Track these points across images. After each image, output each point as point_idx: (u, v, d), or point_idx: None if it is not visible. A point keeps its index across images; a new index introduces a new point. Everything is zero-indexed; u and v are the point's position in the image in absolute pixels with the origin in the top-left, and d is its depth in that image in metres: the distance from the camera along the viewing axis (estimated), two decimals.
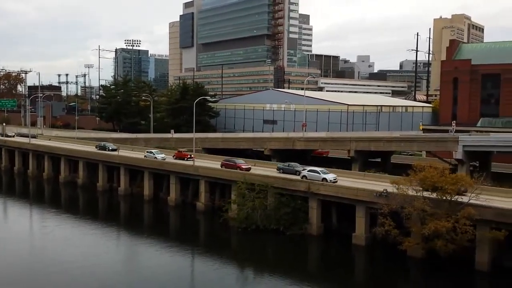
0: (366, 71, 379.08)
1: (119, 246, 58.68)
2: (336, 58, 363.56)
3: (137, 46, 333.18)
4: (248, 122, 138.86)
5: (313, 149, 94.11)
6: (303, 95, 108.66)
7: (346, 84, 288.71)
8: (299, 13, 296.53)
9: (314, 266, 53.54)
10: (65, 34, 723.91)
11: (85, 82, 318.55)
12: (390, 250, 51.00)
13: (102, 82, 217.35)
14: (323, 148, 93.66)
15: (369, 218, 55.66)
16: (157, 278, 45.03)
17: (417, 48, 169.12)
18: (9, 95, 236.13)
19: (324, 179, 60.32)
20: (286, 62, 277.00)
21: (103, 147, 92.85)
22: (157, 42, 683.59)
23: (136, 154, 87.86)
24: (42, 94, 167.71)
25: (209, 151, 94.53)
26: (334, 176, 61.81)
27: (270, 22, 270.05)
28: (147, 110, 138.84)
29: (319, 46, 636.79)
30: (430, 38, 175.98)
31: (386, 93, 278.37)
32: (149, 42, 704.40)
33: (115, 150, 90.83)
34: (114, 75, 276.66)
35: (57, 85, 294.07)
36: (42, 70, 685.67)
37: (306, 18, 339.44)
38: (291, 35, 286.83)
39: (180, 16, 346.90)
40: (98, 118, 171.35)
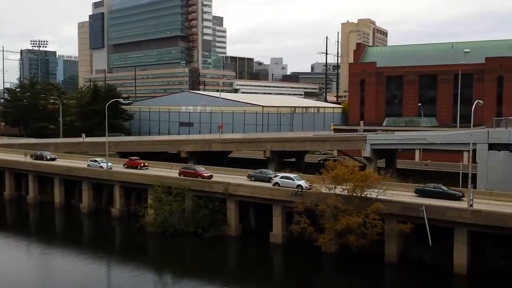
0: (279, 73, 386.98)
1: (30, 257, 55.59)
2: (250, 60, 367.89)
3: (44, 47, 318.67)
4: (163, 124, 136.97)
5: (230, 150, 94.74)
6: (219, 97, 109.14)
7: (261, 86, 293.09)
8: (213, 15, 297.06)
9: (232, 267, 53.91)
10: None
11: None
12: (306, 247, 52.49)
13: (7, 85, 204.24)
14: (240, 149, 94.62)
15: (285, 217, 56.98)
16: None
17: (326, 51, 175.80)
18: None
19: (299, 186, 55.63)
20: (200, 64, 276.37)
21: (40, 157, 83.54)
22: (65, 43, 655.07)
23: (73, 163, 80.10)
24: None
25: (123, 155, 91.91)
26: (308, 182, 55.96)
27: (184, 24, 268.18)
28: (56, 114, 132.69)
29: (234, 48, 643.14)
30: (338, 41, 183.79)
31: (299, 94, 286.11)
32: (57, 43, 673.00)
33: (54, 159, 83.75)
34: (20, 78, 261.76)
35: None
36: None
37: (220, 20, 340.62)
38: (205, 37, 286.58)
39: (89, 16, 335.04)
40: (3, 123, 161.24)
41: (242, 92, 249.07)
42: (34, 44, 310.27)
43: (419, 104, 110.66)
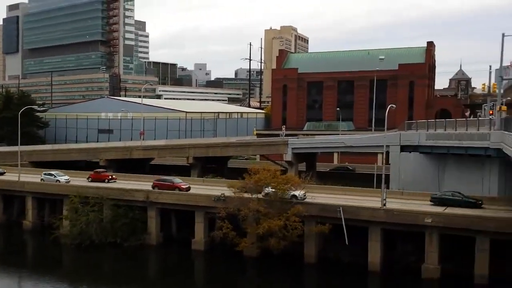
0: (203, 79, 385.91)
1: None
2: (173, 65, 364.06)
3: None
4: (81, 132, 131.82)
5: (152, 157, 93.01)
6: (141, 103, 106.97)
7: (184, 91, 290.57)
8: (135, 19, 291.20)
9: (152, 276, 52.85)
10: None
11: None
12: (228, 252, 52.53)
13: None
14: (163, 156, 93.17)
15: (207, 223, 56.72)
16: None
17: (250, 57, 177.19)
18: None
19: (293, 196, 52.31)
20: (122, 69, 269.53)
21: None
22: None
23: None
24: None
25: (37, 165, 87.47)
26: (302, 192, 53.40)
27: (105, 28, 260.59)
28: None
29: (157, 54, 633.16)
30: (261, 48, 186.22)
31: (223, 100, 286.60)
32: None
33: (3, 173, 76.41)
34: None
35: None
36: None
37: (142, 25, 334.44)
38: (127, 42, 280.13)
39: (3, 19, 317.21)
40: None
41: (165, 98, 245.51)
42: None
43: (338, 108, 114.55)
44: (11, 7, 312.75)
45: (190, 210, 57.09)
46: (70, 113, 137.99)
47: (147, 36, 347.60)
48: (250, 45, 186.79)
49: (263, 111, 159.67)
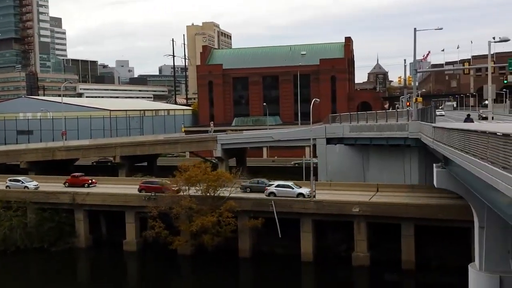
0: (126, 76, 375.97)
1: None
2: (94, 63, 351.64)
3: None
4: None
5: (76, 158, 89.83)
6: (61, 102, 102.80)
7: (107, 89, 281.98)
8: (50, 15, 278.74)
9: (81, 279, 51.65)
10: None
11: None
12: (162, 251, 52.02)
13: None
14: (87, 156, 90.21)
15: (139, 223, 55.84)
16: None
17: (173, 53, 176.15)
18: None
19: (300, 194, 51.43)
20: (39, 67, 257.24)
21: None
22: None
23: None
24: None
25: None
26: (308, 189, 51.82)
27: (18, 25, 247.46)
28: None
29: (75, 51, 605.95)
30: (184, 44, 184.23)
31: (148, 97, 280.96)
32: None
33: None
34: None
35: None
36: None
37: (58, 22, 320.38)
38: (43, 39, 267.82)
39: None
40: None
41: (87, 96, 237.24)
42: None
43: (264, 104, 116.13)
44: None
45: (120, 211, 55.93)
46: None
47: (64, 32, 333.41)
48: (173, 41, 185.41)
49: (190, 108, 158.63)
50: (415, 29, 55.35)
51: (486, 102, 65.60)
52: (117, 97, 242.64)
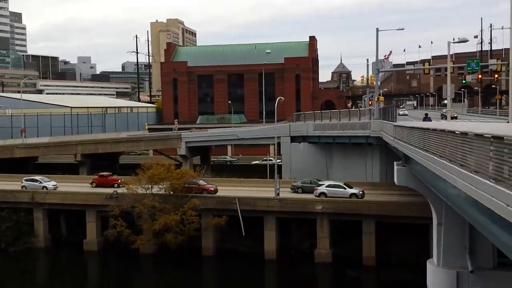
0: (88, 73, 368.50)
1: None
2: (55, 59, 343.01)
3: None
4: None
5: (36, 156, 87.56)
6: (20, 99, 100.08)
7: (68, 86, 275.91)
8: (10, 10, 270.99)
9: (40, 280, 50.59)
10: None
11: None
12: (124, 251, 51.17)
13: None
14: (47, 154, 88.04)
15: (100, 222, 54.83)
16: None
17: (137, 50, 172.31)
18: None
19: (352, 195, 49.77)
20: None
21: None
22: None
23: None
24: None
25: None
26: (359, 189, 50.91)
27: None
28: None
29: (36, 47, 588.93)
30: (148, 40, 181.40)
31: (111, 94, 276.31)
32: None
33: None
34: None
35: None
36: None
37: (18, 17, 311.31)
38: (2, 34, 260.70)
39: None
40: None
41: (48, 93, 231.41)
42: None
43: (229, 102, 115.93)
44: None
45: (81, 210, 54.80)
46: None
47: (24, 28, 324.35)
48: (137, 37, 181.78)
49: (154, 106, 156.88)
50: (377, 29, 56.34)
51: (446, 101, 67.21)
52: (78, 94, 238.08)
